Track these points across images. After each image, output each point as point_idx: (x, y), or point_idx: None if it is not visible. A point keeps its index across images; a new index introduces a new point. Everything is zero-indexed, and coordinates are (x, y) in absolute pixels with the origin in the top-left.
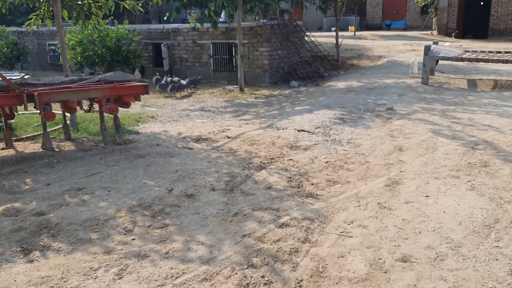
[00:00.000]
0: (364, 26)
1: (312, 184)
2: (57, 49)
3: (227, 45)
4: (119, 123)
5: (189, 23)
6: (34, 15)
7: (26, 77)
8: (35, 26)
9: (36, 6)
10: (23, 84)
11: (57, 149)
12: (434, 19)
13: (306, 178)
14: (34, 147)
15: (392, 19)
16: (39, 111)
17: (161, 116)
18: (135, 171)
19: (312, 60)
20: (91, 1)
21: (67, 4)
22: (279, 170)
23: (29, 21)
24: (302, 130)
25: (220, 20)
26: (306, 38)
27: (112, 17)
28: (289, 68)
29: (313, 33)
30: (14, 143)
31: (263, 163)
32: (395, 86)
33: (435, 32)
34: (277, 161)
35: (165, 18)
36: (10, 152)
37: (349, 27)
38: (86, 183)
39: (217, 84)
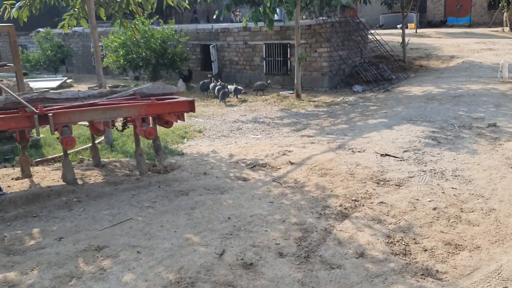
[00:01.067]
0: (425, 23)
1: (425, 251)
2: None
3: (282, 46)
4: (159, 144)
5: (237, 22)
6: (68, 15)
7: (68, 81)
8: (77, 27)
9: (70, 4)
10: (41, 100)
11: (80, 182)
12: (505, 14)
13: (413, 238)
14: (54, 177)
15: (455, 15)
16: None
17: (209, 130)
18: (175, 218)
19: (377, 61)
20: None
21: (103, 2)
22: (369, 220)
23: (62, 22)
24: (387, 155)
25: (275, 17)
26: (369, 37)
27: (157, 17)
28: (351, 70)
29: (376, 31)
30: (35, 167)
31: (345, 208)
32: (486, 93)
33: (506, 29)
34: (363, 205)
35: (214, 17)
36: (24, 184)
37: (408, 24)
38: (109, 237)
39: (270, 89)
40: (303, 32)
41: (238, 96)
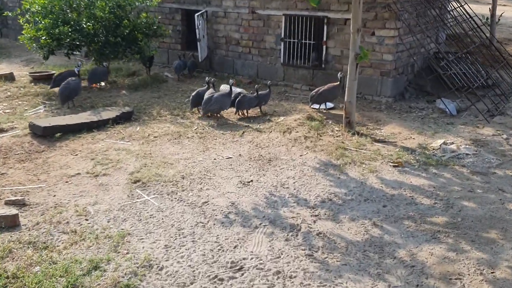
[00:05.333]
0: None
1: None
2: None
3: (313, 20)
4: None
5: None
6: None
7: None
8: None
9: None
10: None
11: None
12: None
13: None
14: None
15: None
16: None
17: (156, 280)
18: None
19: (461, 50)
20: None
21: None
22: None
23: None
24: None
25: None
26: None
27: None
28: (421, 65)
29: None
30: None
31: None
32: None
33: None
34: None
35: None
36: None
37: None
38: None
39: (291, 92)
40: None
41: (247, 111)
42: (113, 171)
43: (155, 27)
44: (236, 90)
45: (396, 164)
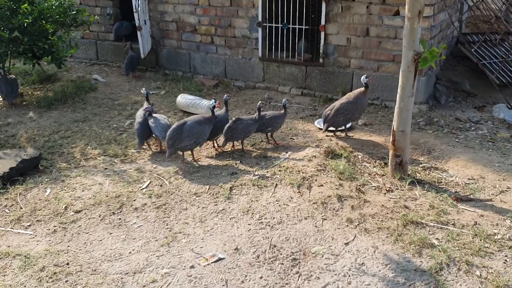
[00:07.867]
0: None
1: None
2: None
3: None
4: None
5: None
6: None
7: None
8: None
9: None
10: None
11: None
12: None
13: None
14: None
15: None
16: None
17: None
18: None
19: (491, 30)
20: None
21: None
22: None
23: None
24: None
25: None
26: None
27: None
28: (447, 52)
29: None
30: None
31: None
32: None
33: None
34: None
35: None
36: None
37: None
38: None
39: (277, 98)
40: None
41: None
42: None
43: (73, 12)
44: (218, 112)
45: None
